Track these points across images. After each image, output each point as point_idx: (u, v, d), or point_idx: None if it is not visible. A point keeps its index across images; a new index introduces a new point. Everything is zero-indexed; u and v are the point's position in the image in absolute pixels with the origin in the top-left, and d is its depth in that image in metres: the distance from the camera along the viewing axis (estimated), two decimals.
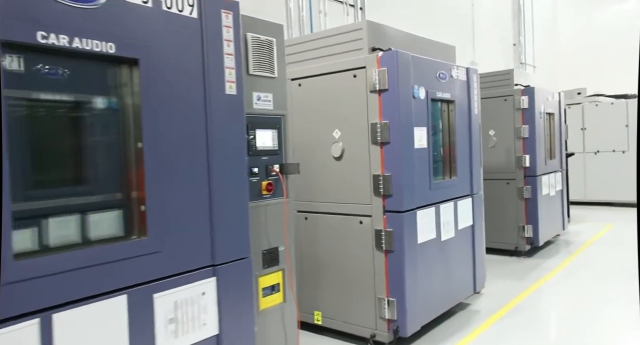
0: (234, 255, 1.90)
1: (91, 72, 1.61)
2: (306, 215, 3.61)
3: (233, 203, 1.89)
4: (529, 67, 12.78)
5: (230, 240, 1.89)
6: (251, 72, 2.15)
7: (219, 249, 1.85)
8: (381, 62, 3.13)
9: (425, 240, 3.35)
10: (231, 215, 1.89)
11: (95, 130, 1.65)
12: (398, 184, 3.12)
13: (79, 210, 1.56)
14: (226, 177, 1.87)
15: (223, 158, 1.85)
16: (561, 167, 6.53)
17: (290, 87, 3.61)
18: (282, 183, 2.27)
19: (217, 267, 1.85)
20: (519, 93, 5.67)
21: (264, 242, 2.23)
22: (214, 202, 1.82)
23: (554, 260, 5.67)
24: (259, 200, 2.19)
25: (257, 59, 2.17)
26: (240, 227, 1.92)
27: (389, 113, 3.12)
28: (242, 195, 1.93)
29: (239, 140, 1.91)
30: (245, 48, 2.12)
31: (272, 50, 2.24)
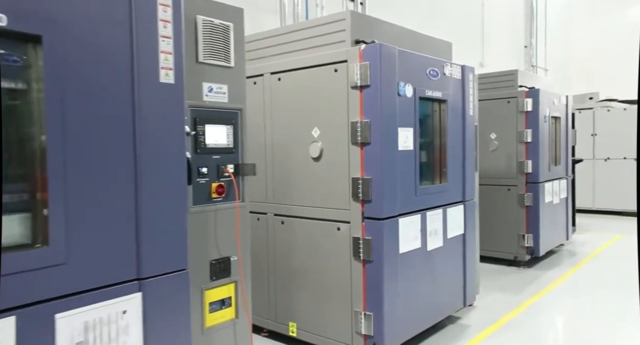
0: (167, 266, 1.67)
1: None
2: (282, 219, 3.37)
3: (167, 207, 1.66)
4: (540, 70, 12.41)
5: (162, 249, 1.65)
6: (201, 59, 1.92)
7: (147, 260, 1.62)
8: (363, 56, 2.88)
9: (408, 250, 3.10)
10: (164, 221, 1.65)
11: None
12: (378, 188, 2.87)
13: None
14: (158, 178, 1.63)
15: (155, 156, 1.62)
16: (567, 174, 6.22)
17: (270, 82, 3.38)
18: (234, 185, 2.04)
19: (143, 281, 1.61)
20: (522, 95, 5.37)
21: (213, 252, 2.00)
22: (141, 206, 1.59)
23: (555, 272, 5.36)
24: (207, 204, 1.96)
25: (209, 45, 1.94)
26: (176, 234, 1.69)
27: (371, 111, 2.87)
28: (179, 198, 1.69)
29: (176, 136, 1.67)
30: (195, 32, 1.89)
31: (228, 36, 2.00)
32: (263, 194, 3.49)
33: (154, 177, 1.62)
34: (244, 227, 2.14)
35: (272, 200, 3.43)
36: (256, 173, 2.17)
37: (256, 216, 3.54)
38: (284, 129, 3.34)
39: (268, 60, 3.46)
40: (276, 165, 3.39)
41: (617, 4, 13.85)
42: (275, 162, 3.40)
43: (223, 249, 2.04)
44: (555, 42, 13.26)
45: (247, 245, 2.18)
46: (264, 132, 3.45)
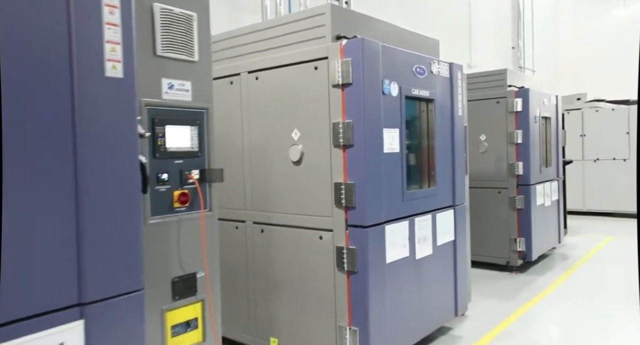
0: (116, 288, 1.45)
1: None
2: (262, 227, 3.16)
3: (115, 220, 1.44)
4: (528, 71, 12.35)
5: (109, 269, 1.44)
6: (159, 53, 1.71)
7: (91, 282, 1.40)
8: (345, 52, 2.69)
9: (395, 259, 2.90)
10: (112, 236, 1.44)
11: None
12: (362, 194, 2.67)
13: None
14: (104, 187, 1.42)
15: (99, 161, 1.40)
16: (557, 176, 6.08)
17: (247, 82, 3.18)
18: (199, 193, 1.83)
19: (86, 306, 1.39)
20: (512, 95, 5.23)
21: (175, 268, 1.78)
22: (83, 219, 1.37)
23: (548, 277, 5.21)
24: (168, 215, 1.75)
25: (168, 37, 1.73)
26: (127, 250, 1.47)
27: (353, 111, 2.68)
28: (131, 209, 1.48)
29: (126, 138, 1.46)
30: (152, 22, 1.68)
31: (190, 27, 1.80)
32: (241, 201, 3.27)
33: (99, 187, 1.40)
34: (212, 239, 1.93)
35: (251, 207, 3.22)
36: (224, 179, 1.96)
37: (234, 224, 3.32)
38: (262, 132, 3.13)
39: (245, 59, 3.26)
40: (255, 170, 3.19)
41: (603, 4, 13.88)
42: (253, 166, 3.19)
43: (187, 264, 1.82)
44: (542, 43, 13.23)
45: (215, 259, 1.97)
46: (242, 135, 3.24)
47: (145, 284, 1.58)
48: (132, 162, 1.47)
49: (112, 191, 1.42)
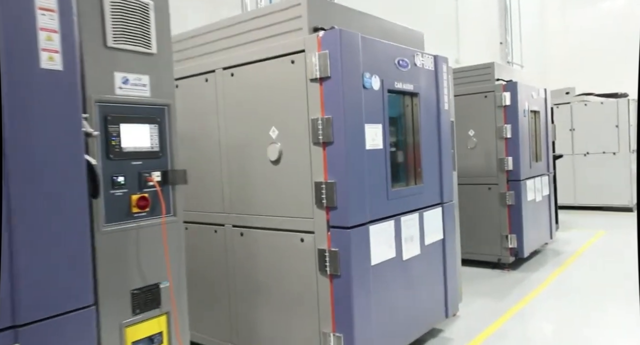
0: (60, 305, 1.30)
1: None
2: (242, 230, 3.01)
3: (57, 230, 1.29)
4: (516, 66, 12.29)
5: (51, 284, 1.29)
6: (111, 44, 1.56)
7: (27, 301, 1.24)
8: (322, 44, 2.55)
9: (381, 261, 2.77)
10: (53, 247, 1.29)
11: None
12: (344, 193, 2.53)
13: None
14: (41, 193, 1.27)
15: (34, 165, 1.25)
16: (548, 170, 5.99)
17: (222, 78, 3.03)
18: (160, 196, 1.68)
19: (22, 328, 1.24)
20: (500, 89, 5.12)
21: (135, 279, 1.63)
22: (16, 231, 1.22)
23: (540, 274, 5.11)
24: (126, 221, 1.60)
25: (121, 26, 1.58)
26: (73, 263, 1.32)
27: (332, 106, 2.54)
28: (77, 217, 1.33)
29: (69, 138, 1.31)
30: (101, 9, 1.53)
31: (146, 16, 1.65)
32: (219, 204, 3.12)
33: (34, 193, 1.25)
34: (177, 247, 1.78)
35: (230, 210, 3.07)
36: (187, 181, 1.81)
37: (213, 228, 3.17)
38: (240, 131, 2.98)
39: (220, 55, 3.11)
40: (233, 171, 3.04)
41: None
42: (231, 167, 3.05)
43: (149, 274, 1.67)
44: (530, 38, 13.19)
45: (181, 267, 1.82)
46: (219, 134, 3.09)
47: (101, 298, 1.43)
48: (77, 164, 1.32)
49: (53, 197, 1.27)
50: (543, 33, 14.43)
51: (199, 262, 3.27)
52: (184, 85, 3.26)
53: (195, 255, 3.28)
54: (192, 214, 3.28)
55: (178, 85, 3.29)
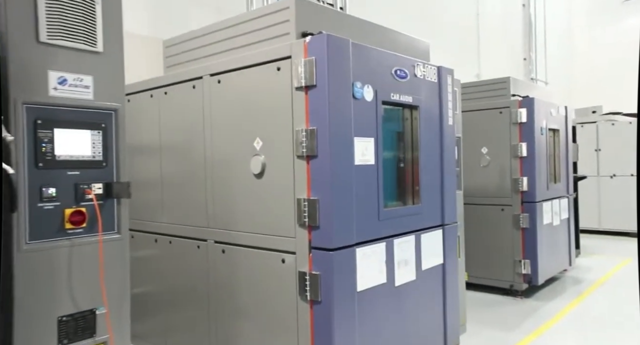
0: None
1: None
2: (224, 247, 2.82)
3: None
4: (540, 83, 11.92)
5: None
6: (44, 39, 1.41)
7: None
8: (309, 50, 2.37)
9: (368, 287, 2.53)
10: None
11: None
12: (327, 211, 2.32)
13: None
14: None
15: None
16: (568, 192, 5.64)
17: (209, 85, 2.88)
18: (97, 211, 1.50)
19: None
20: (516, 105, 4.85)
21: (65, 304, 1.45)
22: None
23: (556, 303, 4.75)
24: (56, 239, 1.43)
25: (58, 20, 1.43)
26: None
27: (318, 117, 2.35)
28: None
29: None
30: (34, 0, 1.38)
31: (91, 9, 1.50)
32: (203, 218, 2.95)
33: None
34: (121, 267, 1.60)
35: (214, 225, 2.89)
36: (130, 195, 1.63)
37: (196, 243, 2.99)
38: (225, 141, 2.82)
39: (208, 61, 2.97)
40: (217, 184, 2.86)
41: (619, 13, 13.41)
42: (215, 180, 2.87)
43: (83, 299, 1.49)
44: (555, 54, 12.81)
45: (125, 290, 1.63)
46: (204, 144, 2.93)
47: (18, 326, 1.25)
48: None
49: None
50: (569, 49, 14.02)
51: (181, 279, 3.10)
52: (172, 92, 3.13)
53: (178, 272, 3.11)
54: (177, 227, 3.11)
55: (166, 92, 3.17)
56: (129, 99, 3.47)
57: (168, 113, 3.17)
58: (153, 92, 3.26)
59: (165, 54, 3.32)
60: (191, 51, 3.11)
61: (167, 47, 3.31)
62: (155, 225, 3.29)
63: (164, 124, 3.21)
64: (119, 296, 1.58)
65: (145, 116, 3.33)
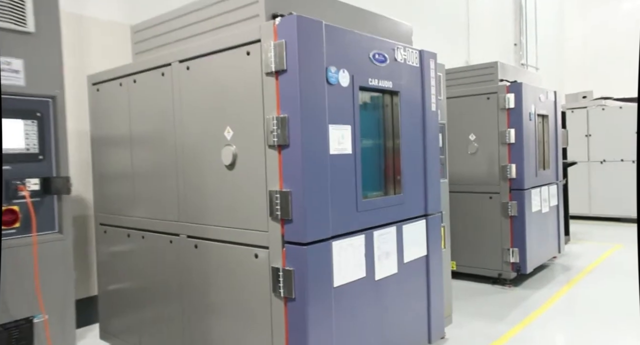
0: None
1: None
2: (196, 242, 2.70)
3: None
4: (531, 69, 11.81)
5: None
6: None
7: None
8: (278, 32, 2.22)
9: (347, 282, 2.42)
10: None
11: None
12: (300, 204, 2.20)
13: None
14: None
15: None
16: (557, 179, 5.56)
17: (179, 72, 2.72)
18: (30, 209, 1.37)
19: None
20: (503, 90, 4.73)
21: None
22: None
23: (545, 292, 4.69)
24: None
25: None
26: None
27: (289, 104, 2.21)
28: None
29: None
30: None
31: None
32: (175, 211, 2.82)
33: None
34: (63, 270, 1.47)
35: (185, 218, 2.76)
36: (70, 191, 1.49)
37: (168, 238, 2.87)
38: (195, 131, 2.68)
39: (177, 46, 2.81)
40: (187, 176, 2.73)
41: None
42: (187, 172, 2.74)
43: (17, 307, 1.37)
44: (546, 39, 12.68)
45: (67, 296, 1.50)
46: (175, 135, 2.79)
47: None
48: None
49: None
50: (560, 34, 13.90)
51: (155, 275, 2.98)
52: (141, 80, 2.98)
53: (152, 268, 2.99)
54: (150, 222, 2.99)
55: (135, 80, 3.01)
56: (98, 88, 3.32)
57: (138, 102, 3.02)
58: (122, 81, 3.10)
59: (134, 40, 3.16)
60: (160, 36, 2.95)
61: (136, 33, 3.15)
62: (127, 220, 3.15)
63: (134, 113, 3.06)
64: (61, 302, 1.46)
65: (115, 106, 3.18)
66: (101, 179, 3.38)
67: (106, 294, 3.41)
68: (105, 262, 3.38)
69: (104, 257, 3.39)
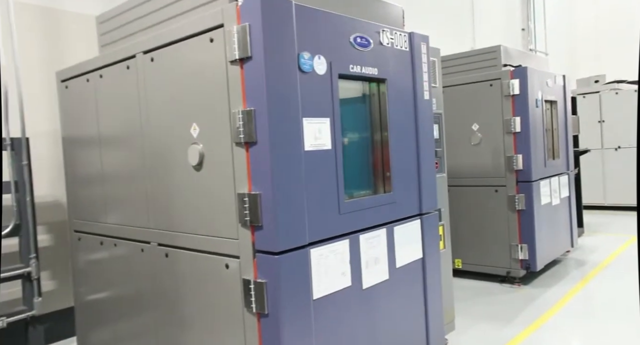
0: None
1: None
2: (167, 250, 2.47)
3: None
4: (540, 54, 11.39)
5: None
6: None
7: None
8: (242, 14, 1.97)
9: (328, 293, 2.18)
10: None
11: None
12: (270, 207, 1.95)
13: None
14: None
15: None
16: (568, 168, 5.24)
17: (143, 64, 2.49)
18: None
19: None
20: (507, 76, 4.42)
21: None
22: None
23: (557, 289, 4.41)
24: None
25: None
26: None
27: (255, 95, 1.96)
28: None
29: None
30: None
31: None
32: (144, 217, 2.59)
33: None
34: None
35: (155, 224, 2.54)
36: None
37: (140, 246, 2.64)
38: (161, 128, 2.44)
39: (141, 36, 2.57)
40: (155, 178, 2.50)
41: None
42: (154, 173, 2.51)
43: None
44: (556, 23, 12.23)
45: None
46: (141, 134, 2.55)
47: None
48: None
49: None
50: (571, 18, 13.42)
51: (127, 285, 2.76)
52: (107, 74, 2.74)
53: (124, 277, 2.78)
54: (121, 229, 2.77)
55: (102, 75, 2.79)
56: (66, 85, 3.10)
57: (105, 99, 2.80)
58: (89, 76, 2.88)
59: (99, 31, 2.93)
60: (124, 26, 2.72)
61: (101, 23, 2.91)
62: (100, 227, 2.94)
63: (101, 111, 2.83)
64: None
65: (83, 104, 2.96)
66: (74, 183, 3.17)
67: (82, 305, 3.21)
68: (80, 271, 3.18)
69: (79, 266, 3.18)
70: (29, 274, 3.24)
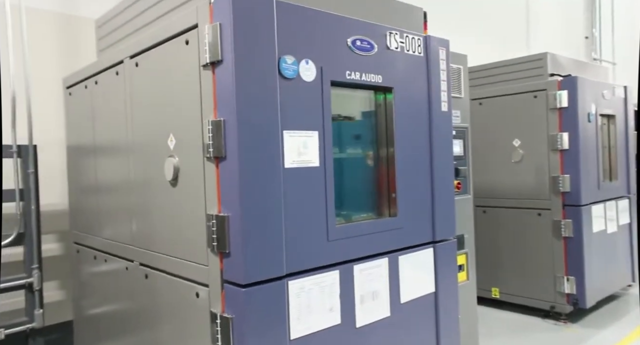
0: None
1: None
2: (147, 271, 2.27)
3: None
4: (606, 64, 10.50)
5: None
6: None
7: None
8: (214, 14, 1.75)
9: (310, 332, 1.88)
10: None
11: None
12: (238, 232, 1.70)
13: None
14: None
15: None
16: (628, 192, 4.62)
17: (130, 70, 2.33)
18: None
19: None
20: (554, 86, 3.95)
21: None
22: None
23: (613, 332, 3.83)
24: None
25: None
26: None
27: (225, 104, 1.72)
28: None
29: None
30: None
31: None
32: (128, 233, 2.42)
33: None
34: None
35: (137, 243, 2.35)
36: None
37: (125, 264, 2.47)
38: (143, 138, 2.27)
39: (128, 40, 2.42)
40: (137, 193, 2.32)
41: None
42: (137, 187, 2.33)
43: None
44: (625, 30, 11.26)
45: None
46: (127, 142, 2.39)
47: None
48: None
49: None
50: None
51: (114, 305, 2.60)
52: (101, 81, 2.62)
53: (112, 296, 2.62)
54: (110, 244, 2.61)
55: (97, 81, 2.67)
56: (70, 92, 3.02)
57: (99, 107, 2.67)
58: (87, 83, 2.77)
59: (98, 35, 2.82)
60: (118, 30, 2.59)
61: (99, 27, 2.81)
62: (94, 240, 2.81)
63: (96, 119, 2.71)
64: None
65: (82, 111, 2.86)
66: (75, 193, 3.08)
67: (80, 319, 3.09)
68: (79, 284, 3.07)
69: (77, 279, 3.07)
70: (31, 285, 3.16)
